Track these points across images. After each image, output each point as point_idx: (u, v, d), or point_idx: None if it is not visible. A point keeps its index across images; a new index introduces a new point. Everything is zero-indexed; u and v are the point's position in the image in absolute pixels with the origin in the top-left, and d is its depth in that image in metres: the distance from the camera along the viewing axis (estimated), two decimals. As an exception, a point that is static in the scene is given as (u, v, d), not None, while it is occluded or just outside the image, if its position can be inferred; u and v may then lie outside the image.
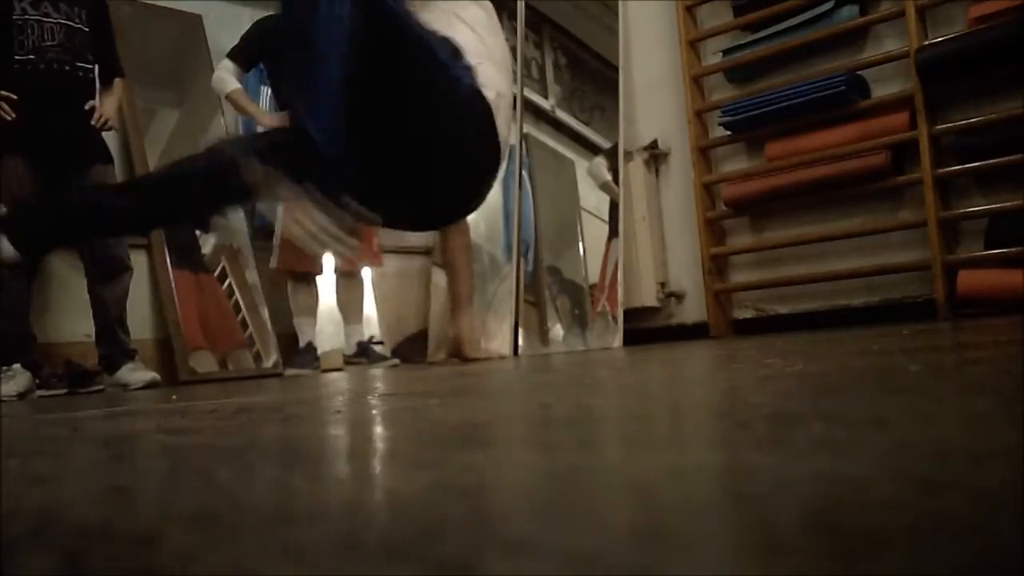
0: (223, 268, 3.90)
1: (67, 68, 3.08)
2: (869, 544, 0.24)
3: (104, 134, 3.22)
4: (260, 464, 0.57)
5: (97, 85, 3.30)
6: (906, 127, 3.39)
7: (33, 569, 0.30)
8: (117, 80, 3.34)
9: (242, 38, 3.67)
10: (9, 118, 2.95)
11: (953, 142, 3.33)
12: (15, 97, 2.97)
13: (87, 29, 3.15)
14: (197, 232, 3.88)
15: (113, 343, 3.15)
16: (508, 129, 2.20)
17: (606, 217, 4.12)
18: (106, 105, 3.25)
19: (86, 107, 3.12)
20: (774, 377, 0.92)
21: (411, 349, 4.26)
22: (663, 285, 4.19)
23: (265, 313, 3.92)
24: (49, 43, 3.04)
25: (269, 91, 3.99)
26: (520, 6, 4.22)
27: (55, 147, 3.05)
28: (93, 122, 3.11)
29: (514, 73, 3.82)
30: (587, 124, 4.28)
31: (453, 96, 1.92)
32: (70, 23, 3.10)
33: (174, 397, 1.89)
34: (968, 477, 0.32)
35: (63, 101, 3.06)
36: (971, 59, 3.18)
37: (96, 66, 3.23)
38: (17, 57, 3.00)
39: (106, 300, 3.14)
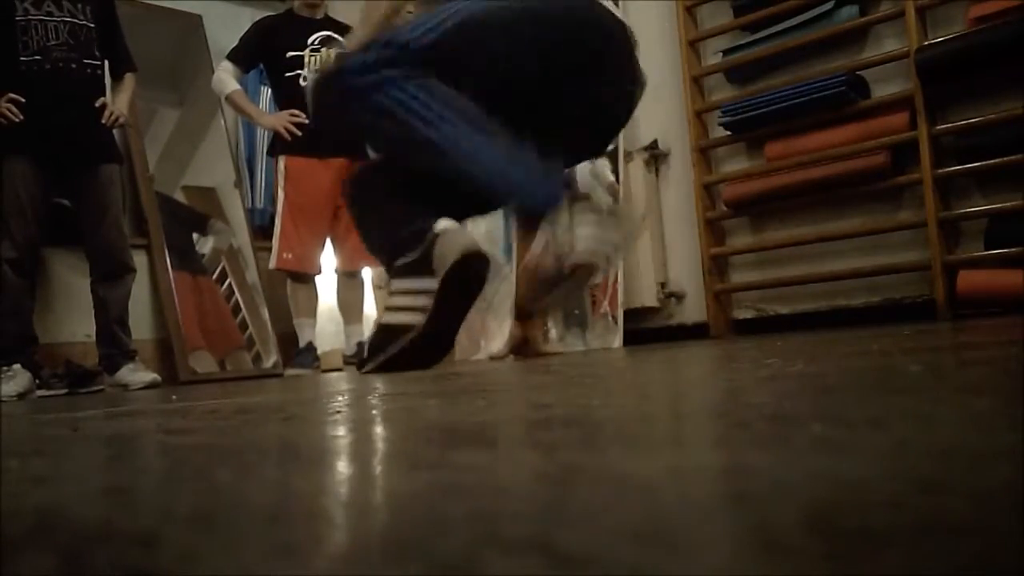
0: (223, 268, 3.91)
1: (73, 66, 3.06)
2: (869, 544, 0.24)
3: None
4: (260, 464, 0.57)
5: (107, 81, 3.30)
6: (906, 127, 3.39)
7: (33, 569, 0.30)
8: (128, 75, 3.33)
9: (241, 39, 3.67)
10: (16, 120, 2.94)
11: (953, 142, 3.33)
12: (22, 100, 2.96)
13: (93, 25, 3.14)
14: (195, 235, 3.88)
15: (114, 343, 3.15)
16: None
17: (606, 217, 4.11)
18: (118, 101, 3.24)
19: (96, 104, 3.10)
20: (774, 377, 0.92)
21: (411, 349, 4.24)
22: (663, 285, 4.19)
23: (265, 313, 3.93)
24: (54, 42, 3.03)
25: (269, 91, 3.99)
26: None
27: (61, 148, 3.04)
28: (104, 120, 3.10)
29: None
30: (588, 124, 4.27)
31: None
32: (75, 20, 3.09)
33: (174, 397, 1.89)
34: (968, 477, 0.32)
35: (71, 100, 3.05)
36: (971, 59, 3.18)
37: (105, 62, 3.22)
38: (22, 58, 2.99)
39: (108, 300, 3.14)
